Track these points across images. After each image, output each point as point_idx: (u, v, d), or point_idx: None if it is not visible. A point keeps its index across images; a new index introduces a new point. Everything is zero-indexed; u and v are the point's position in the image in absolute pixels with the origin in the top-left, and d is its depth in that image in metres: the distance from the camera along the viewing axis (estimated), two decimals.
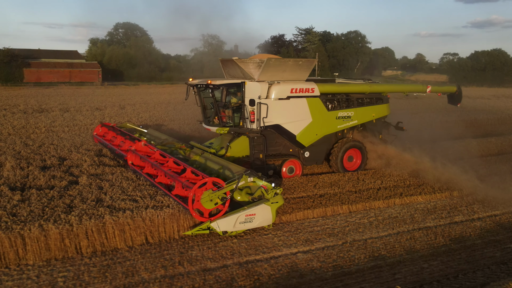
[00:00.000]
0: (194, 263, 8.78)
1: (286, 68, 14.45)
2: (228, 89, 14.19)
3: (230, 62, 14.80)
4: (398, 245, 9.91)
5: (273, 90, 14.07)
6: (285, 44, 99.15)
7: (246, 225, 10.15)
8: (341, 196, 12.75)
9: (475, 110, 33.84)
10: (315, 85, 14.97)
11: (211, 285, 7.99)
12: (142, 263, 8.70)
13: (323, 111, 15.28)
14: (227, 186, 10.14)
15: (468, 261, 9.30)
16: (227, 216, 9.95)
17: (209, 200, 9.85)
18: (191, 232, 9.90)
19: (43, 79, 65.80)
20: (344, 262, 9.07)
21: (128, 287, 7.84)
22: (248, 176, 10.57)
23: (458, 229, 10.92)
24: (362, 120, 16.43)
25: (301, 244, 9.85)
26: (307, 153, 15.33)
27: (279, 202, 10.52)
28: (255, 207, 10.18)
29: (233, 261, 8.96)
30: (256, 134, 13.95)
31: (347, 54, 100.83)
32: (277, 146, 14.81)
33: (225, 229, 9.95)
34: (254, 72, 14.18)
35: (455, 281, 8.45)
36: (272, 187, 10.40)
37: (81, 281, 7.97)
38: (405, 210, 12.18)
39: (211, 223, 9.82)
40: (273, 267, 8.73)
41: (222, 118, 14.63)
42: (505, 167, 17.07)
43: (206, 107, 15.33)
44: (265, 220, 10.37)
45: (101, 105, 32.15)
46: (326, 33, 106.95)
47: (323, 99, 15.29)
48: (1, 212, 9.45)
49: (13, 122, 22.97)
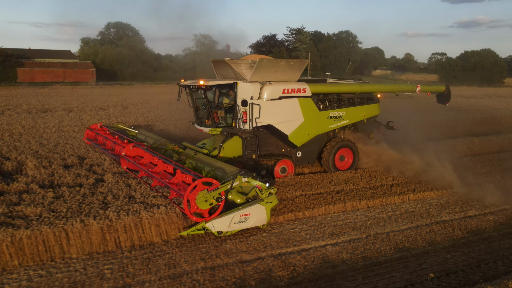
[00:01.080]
0: (230, 256, 9.20)
1: (278, 68, 14.59)
2: (221, 90, 14.18)
3: (222, 63, 14.87)
4: (419, 238, 10.43)
5: (265, 90, 14.19)
6: (277, 44, 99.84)
7: (241, 225, 10.21)
8: (358, 192, 13.25)
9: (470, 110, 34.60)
10: (306, 86, 15.10)
11: (251, 275, 8.42)
12: (180, 256, 9.10)
13: (315, 111, 15.42)
14: (222, 187, 10.20)
15: (487, 252, 9.86)
16: (222, 216, 9.99)
17: (204, 201, 9.92)
18: (186, 233, 9.94)
19: (37, 79, 65.43)
20: (371, 254, 9.56)
21: (173, 277, 8.23)
22: (242, 177, 10.65)
23: (473, 223, 11.48)
24: (353, 119, 16.59)
25: (327, 237, 10.33)
26: (299, 153, 15.46)
27: (273, 202, 10.58)
28: (250, 207, 10.23)
29: (266, 253, 9.39)
30: (249, 135, 14.05)
31: (339, 54, 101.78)
32: (269, 146, 14.87)
33: (220, 229, 10.00)
34: (246, 72, 14.25)
35: (478, 270, 9.00)
36: (267, 187, 10.49)
37: (127, 272, 8.35)
38: (420, 205, 12.71)
39: (206, 223, 9.89)
40: (305, 259, 9.18)
41: (215, 118, 14.67)
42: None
43: (198, 108, 15.36)
44: (259, 220, 10.43)
45: (104, 105, 32.28)
46: (317, 33, 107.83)
47: (315, 99, 15.41)
48: (41, 209, 9.78)
49: (21, 122, 23.09)
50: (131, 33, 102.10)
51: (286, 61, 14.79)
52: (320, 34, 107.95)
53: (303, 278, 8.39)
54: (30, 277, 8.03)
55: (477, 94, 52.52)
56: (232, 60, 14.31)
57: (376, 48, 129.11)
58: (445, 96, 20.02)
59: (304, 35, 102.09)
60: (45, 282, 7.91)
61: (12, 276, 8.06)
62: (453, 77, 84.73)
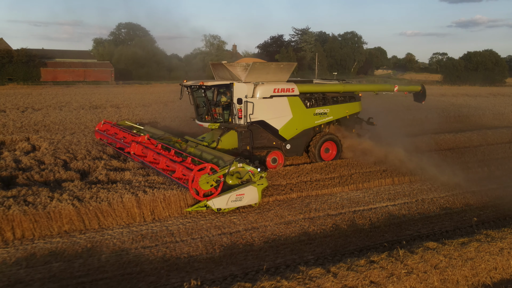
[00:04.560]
0: (319, 212, 12.27)
1: (269, 70, 16.24)
2: (219, 89, 15.85)
3: (219, 66, 16.36)
4: (456, 201, 13.52)
5: (258, 90, 15.68)
6: (284, 44, 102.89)
7: (237, 203, 11.89)
8: (401, 170, 16.19)
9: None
10: (295, 86, 16.67)
11: (341, 222, 11.49)
12: (283, 211, 12.18)
13: (302, 108, 16.96)
14: (221, 171, 11.95)
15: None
16: (220, 195, 11.71)
17: (205, 182, 11.61)
18: (191, 209, 11.70)
19: (59, 78, 68.41)
20: (423, 211, 12.66)
21: (284, 223, 11.28)
22: (238, 163, 12.37)
23: (496, 192, 14.58)
24: (337, 116, 18.20)
25: (386, 200, 13.42)
26: (289, 145, 16.92)
27: (264, 184, 12.33)
28: (244, 188, 11.94)
29: (345, 210, 12.48)
30: (244, 129, 15.52)
31: (345, 54, 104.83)
32: (262, 139, 16.33)
33: (219, 206, 11.70)
34: (241, 74, 15.74)
35: (505, 222, 12.05)
36: (258, 171, 12.24)
37: (250, 221, 11.38)
38: (454, 180, 15.71)
39: (208, 202, 11.60)
40: (375, 213, 12.26)
41: (214, 115, 16.16)
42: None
43: (198, 105, 16.83)
44: (252, 199, 12.14)
45: (145, 103, 35.28)
46: (322, 34, 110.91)
47: (302, 97, 16.93)
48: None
49: (85, 116, 26.12)
50: (141, 33, 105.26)
51: (276, 64, 16.50)
52: (324, 35, 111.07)
53: (379, 224, 11.51)
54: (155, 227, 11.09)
55: (482, 93, 55.67)
56: (228, 63, 15.93)
57: (378, 48, 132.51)
58: (420, 95, 21.77)
59: (309, 35, 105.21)
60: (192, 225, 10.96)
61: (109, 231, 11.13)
62: (456, 77, 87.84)
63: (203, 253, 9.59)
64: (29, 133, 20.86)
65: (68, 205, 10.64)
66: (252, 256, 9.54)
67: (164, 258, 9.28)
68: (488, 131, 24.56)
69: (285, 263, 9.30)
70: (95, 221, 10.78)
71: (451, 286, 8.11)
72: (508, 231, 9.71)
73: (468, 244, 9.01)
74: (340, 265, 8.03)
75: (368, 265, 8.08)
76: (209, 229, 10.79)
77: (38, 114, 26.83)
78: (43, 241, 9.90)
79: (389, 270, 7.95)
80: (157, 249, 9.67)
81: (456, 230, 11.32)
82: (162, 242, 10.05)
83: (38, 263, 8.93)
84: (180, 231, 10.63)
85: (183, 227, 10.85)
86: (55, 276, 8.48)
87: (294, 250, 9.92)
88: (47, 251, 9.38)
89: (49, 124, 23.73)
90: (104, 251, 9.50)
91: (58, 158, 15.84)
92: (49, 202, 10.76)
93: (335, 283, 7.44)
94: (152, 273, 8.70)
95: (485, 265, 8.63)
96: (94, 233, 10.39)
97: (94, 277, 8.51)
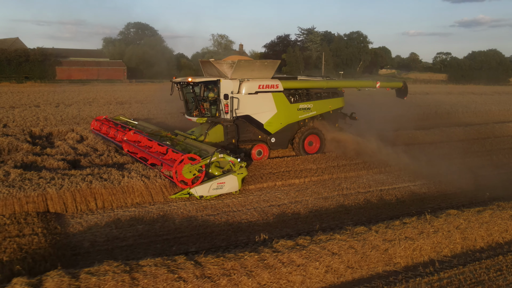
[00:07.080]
0: (350, 190, 14.05)
1: (254, 68, 16.84)
2: (206, 85, 16.43)
3: (208, 63, 17.02)
4: (469, 182, 15.19)
5: (244, 86, 16.36)
6: (290, 44, 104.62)
7: (218, 191, 12.60)
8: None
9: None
10: (279, 82, 17.39)
11: (371, 198, 13.27)
12: (319, 189, 13.95)
13: (286, 103, 17.69)
14: (203, 161, 12.68)
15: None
16: (203, 184, 12.47)
17: (188, 172, 12.35)
18: (174, 196, 12.35)
19: (73, 76, 70.17)
20: (442, 190, 14.44)
21: (322, 198, 13.05)
22: (218, 153, 13.05)
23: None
24: (320, 111, 18.93)
25: (407, 181, 15.20)
26: (273, 139, 17.60)
27: (244, 173, 13.12)
28: (225, 177, 12.71)
29: (372, 189, 14.25)
30: (230, 123, 16.14)
31: (350, 53, 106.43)
32: (247, 133, 17.03)
33: (202, 194, 12.41)
34: (227, 71, 16.37)
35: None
36: (238, 162, 13.05)
37: (292, 196, 13.15)
38: (464, 166, 17.47)
39: (191, 189, 12.27)
40: (400, 192, 14.03)
41: (201, 110, 16.72)
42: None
43: (188, 101, 17.38)
44: (232, 187, 12.89)
45: (167, 99, 36.86)
46: (327, 33, 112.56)
47: (286, 93, 17.67)
48: None
49: (116, 111, 27.90)
50: (150, 33, 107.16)
51: (261, 62, 17.28)
52: (330, 34, 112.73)
53: (404, 199, 13.30)
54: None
55: (487, 92, 57.39)
56: (216, 61, 16.54)
57: (383, 47, 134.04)
58: (402, 91, 22.34)
59: (315, 35, 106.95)
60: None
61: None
62: (461, 76, 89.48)
63: (259, 219, 11.37)
64: (71, 125, 22.65)
65: (139, 181, 12.45)
66: (301, 221, 11.33)
67: (227, 223, 11.06)
68: (495, 125, 26.33)
69: (330, 227, 11.08)
70: (160, 195, 12.53)
71: (470, 243, 9.86)
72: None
73: (483, 212, 10.76)
74: (379, 225, 9.79)
75: (402, 225, 9.83)
76: (258, 202, 12.58)
77: (72, 109, 28.66)
78: (121, 210, 11.68)
79: (420, 229, 9.70)
80: (220, 216, 11.45)
81: (471, 204, 13.06)
82: (222, 211, 11.84)
83: (124, 225, 10.71)
84: (235, 204, 12.42)
85: (236, 201, 12.63)
86: (143, 234, 10.27)
87: (335, 218, 11.72)
88: (128, 217, 11.16)
89: (86, 117, 25.55)
90: (176, 217, 11.28)
91: (109, 145, 17.60)
92: (121, 178, 12.56)
93: (377, 237, 9.18)
94: (221, 233, 10.48)
95: (498, 227, 10.38)
96: (161, 204, 12.15)
97: (174, 235, 10.29)
